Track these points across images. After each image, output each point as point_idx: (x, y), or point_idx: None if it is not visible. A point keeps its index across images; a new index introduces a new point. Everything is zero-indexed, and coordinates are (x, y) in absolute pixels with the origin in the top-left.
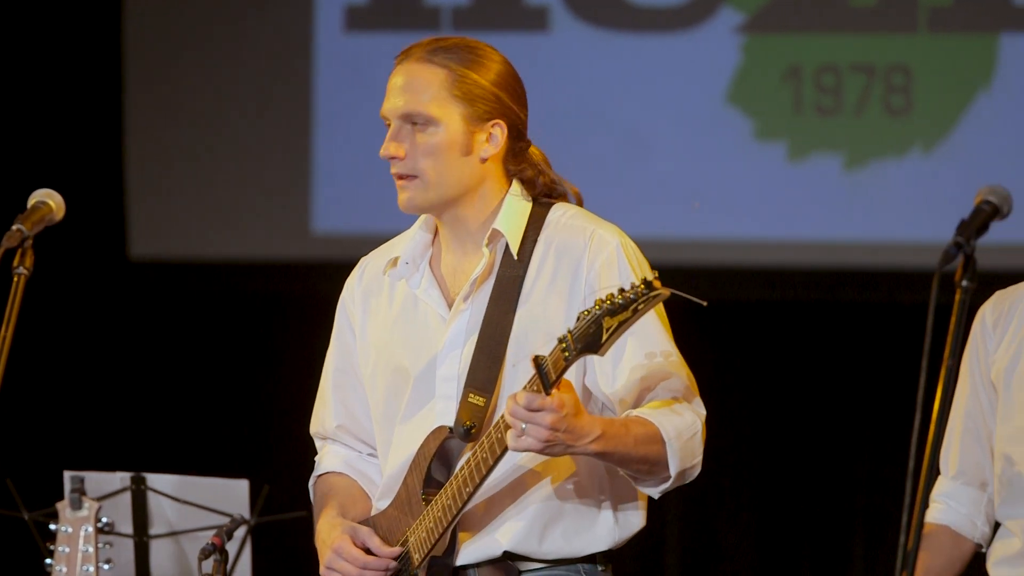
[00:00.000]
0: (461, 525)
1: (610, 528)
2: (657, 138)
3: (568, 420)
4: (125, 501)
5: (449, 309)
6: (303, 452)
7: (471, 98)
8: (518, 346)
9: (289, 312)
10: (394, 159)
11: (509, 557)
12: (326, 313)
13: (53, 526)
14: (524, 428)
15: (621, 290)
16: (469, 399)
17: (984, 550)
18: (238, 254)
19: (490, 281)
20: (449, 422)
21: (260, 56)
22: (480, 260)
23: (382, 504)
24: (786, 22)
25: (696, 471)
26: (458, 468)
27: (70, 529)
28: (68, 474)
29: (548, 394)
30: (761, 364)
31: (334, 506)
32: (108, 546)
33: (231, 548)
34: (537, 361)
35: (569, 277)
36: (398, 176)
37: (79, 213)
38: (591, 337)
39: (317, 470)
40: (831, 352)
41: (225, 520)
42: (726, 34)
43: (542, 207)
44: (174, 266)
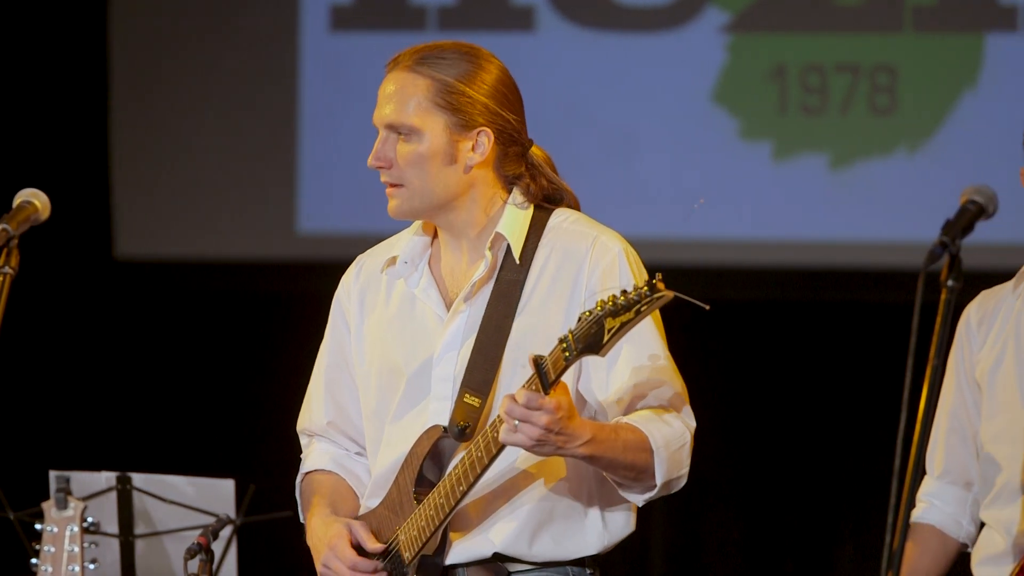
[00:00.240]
0: (452, 525)
1: (599, 532)
2: (643, 138)
3: (562, 422)
4: (111, 501)
5: (447, 310)
6: (289, 452)
7: (455, 107)
8: (516, 349)
9: (275, 312)
10: (381, 168)
11: (499, 558)
12: (312, 312)
13: (39, 526)
14: (517, 425)
15: (624, 291)
16: (465, 399)
17: (969, 550)
18: (224, 254)
19: (490, 284)
20: (442, 422)
21: (245, 56)
22: (481, 263)
23: (371, 503)
24: (771, 22)
25: (682, 482)
26: (451, 467)
27: (55, 529)
28: (54, 474)
29: (547, 394)
30: (745, 364)
31: (325, 503)
32: (94, 546)
33: (217, 548)
34: (537, 361)
35: (570, 282)
36: (386, 184)
37: (65, 212)
38: (592, 337)
39: (304, 467)
40: (816, 352)
41: (211, 520)
42: (711, 34)
43: (543, 212)
44: (160, 265)
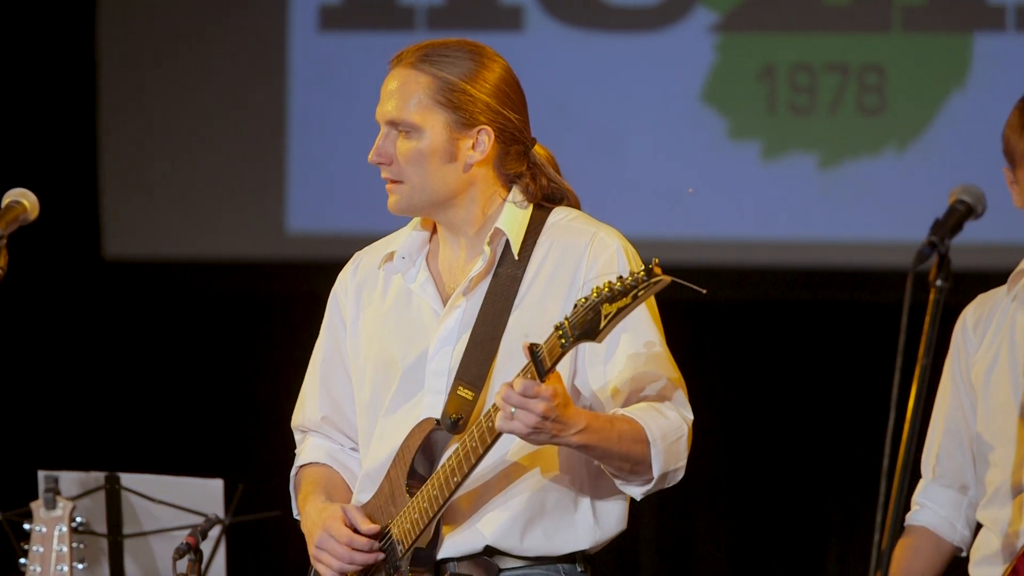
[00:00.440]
0: (444, 518)
1: (591, 528)
2: (632, 138)
3: (558, 410)
4: (99, 501)
5: (444, 305)
6: (278, 451)
7: (455, 105)
8: (512, 343)
9: (263, 312)
10: (381, 164)
11: (490, 552)
12: (300, 312)
13: (27, 526)
14: (513, 412)
15: (620, 277)
16: (458, 392)
17: (964, 554)
18: (212, 254)
19: (488, 279)
20: (436, 416)
21: (234, 56)
22: (479, 258)
23: (363, 497)
24: (760, 21)
25: (679, 475)
26: (445, 459)
27: (44, 529)
28: (42, 474)
29: (543, 382)
30: (733, 363)
31: (320, 493)
32: (82, 546)
33: (205, 547)
34: (532, 349)
35: (568, 277)
36: (386, 180)
37: (53, 212)
38: (589, 324)
39: (299, 460)
40: (805, 351)
41: (199, 519)
42: (700, 33)
43: (542, 210)
44: (148, 266)
